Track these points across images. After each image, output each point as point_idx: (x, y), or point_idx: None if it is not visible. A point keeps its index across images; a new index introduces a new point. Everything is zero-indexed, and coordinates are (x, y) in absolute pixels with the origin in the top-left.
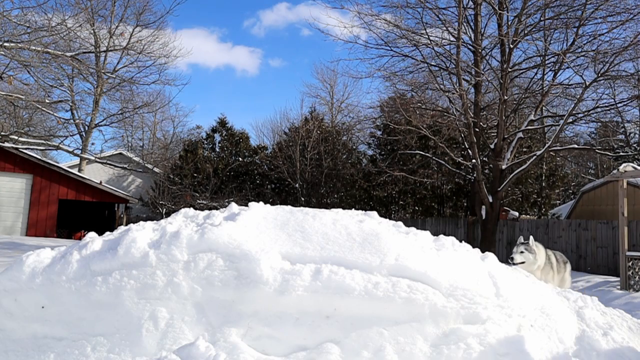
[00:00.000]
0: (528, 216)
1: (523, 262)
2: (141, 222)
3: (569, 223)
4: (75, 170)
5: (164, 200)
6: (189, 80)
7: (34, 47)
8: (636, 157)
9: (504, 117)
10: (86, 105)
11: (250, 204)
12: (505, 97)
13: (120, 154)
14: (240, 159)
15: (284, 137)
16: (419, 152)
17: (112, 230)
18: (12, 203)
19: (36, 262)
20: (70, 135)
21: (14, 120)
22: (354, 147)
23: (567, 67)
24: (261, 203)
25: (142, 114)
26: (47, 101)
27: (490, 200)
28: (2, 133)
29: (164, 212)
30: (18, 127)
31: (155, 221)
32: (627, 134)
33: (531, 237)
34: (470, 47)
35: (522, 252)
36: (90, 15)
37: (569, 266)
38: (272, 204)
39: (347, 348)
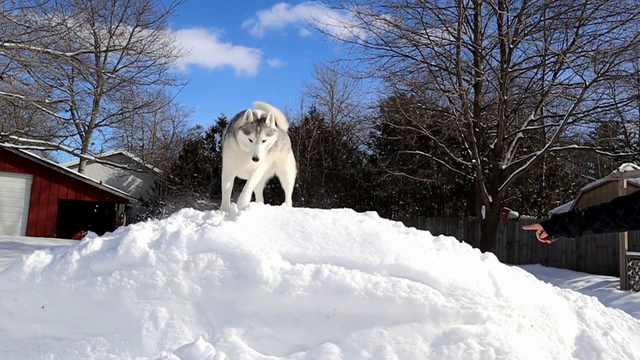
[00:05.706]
0: (528, 216)
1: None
2: (141, 222)
3: None
4: (75, 170)
5: (164, 200)
6: (188, 80)
7: (34, 47)
8: (636, 157)
9: (504, 117)
10: (86, 105)
11: (250, 203)
12: (505, 97)
13: (120, 154)
14: None
15: None
16: (419, 152)
17: (112, 230)
18: (12, 203)
19: (36, 262)
20: (70, 135)
21: (14, 120)
22: (354, 147)
23: (567, 67)
24: (261, 203)
25: (142, 114)
26: (47, 101)
27: (490, 200)
28: (2, 133)
29: (164, 212)
30: (18, 127)
31: (155, 221)
32: (627, 134)
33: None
34: (470, 47)
35: (264, 140)
36: (90, 15)
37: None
38: (272, 204)
39: (347, 348)
